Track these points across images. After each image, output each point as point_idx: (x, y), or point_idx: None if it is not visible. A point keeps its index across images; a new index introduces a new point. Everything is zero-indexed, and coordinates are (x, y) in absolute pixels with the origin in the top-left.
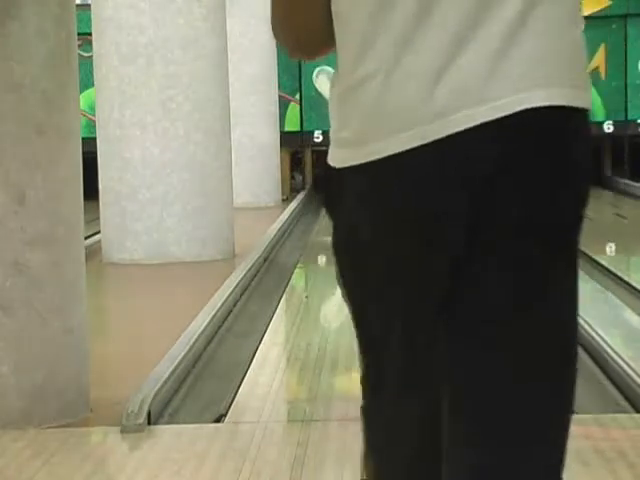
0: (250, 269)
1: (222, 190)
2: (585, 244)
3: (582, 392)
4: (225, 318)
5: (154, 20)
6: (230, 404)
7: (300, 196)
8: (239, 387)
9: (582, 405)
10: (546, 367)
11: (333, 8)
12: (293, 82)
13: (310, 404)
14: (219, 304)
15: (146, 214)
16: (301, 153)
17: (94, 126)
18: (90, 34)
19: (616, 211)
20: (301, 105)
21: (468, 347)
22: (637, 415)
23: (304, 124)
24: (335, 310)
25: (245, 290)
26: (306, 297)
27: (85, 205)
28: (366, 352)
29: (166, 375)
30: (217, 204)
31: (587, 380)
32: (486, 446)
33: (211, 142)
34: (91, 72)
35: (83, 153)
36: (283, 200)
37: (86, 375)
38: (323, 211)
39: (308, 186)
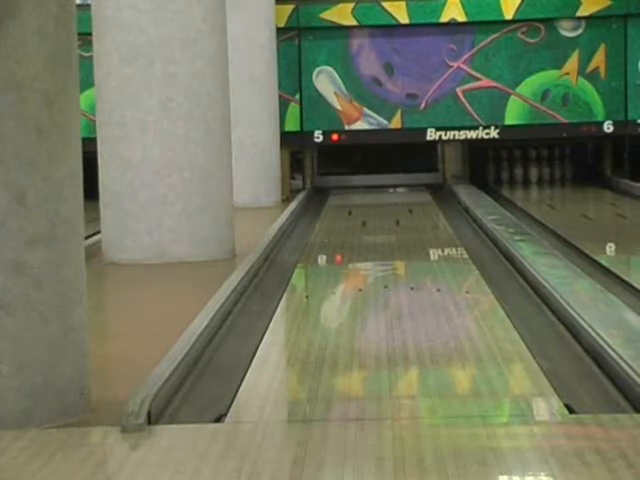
0: (250, 269)
1: (222, 190)
2: (585, 244)
3: (582, 392)
4: (225, 318)
5: (154, 20)
6: (230, 404)
7: (300, 196)
8: (239, 387)
9: (582, 405)
10: None
11: None
12: (293, 82)
13: (310, 404)
14: (219, 304)
15: (146, 214)
16: (301, 153)
17: (94, 126)
18: (90, 34)
19: (616, 211)
20: (301, 105)
21: None
22: (637, 415)
23: (304, 124)
24: (335, 310)
25: (245, 290)
26: (306, 297)
27: (85, 205)
28: None
29: (166, 375)
30: (217, 204)
31: (587, 380)
32: None
33: (211, 142)
34: (91, 72)
35: (83, 153)
36: (283, 200)
37: (86, 375)
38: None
39: (308, 186)
